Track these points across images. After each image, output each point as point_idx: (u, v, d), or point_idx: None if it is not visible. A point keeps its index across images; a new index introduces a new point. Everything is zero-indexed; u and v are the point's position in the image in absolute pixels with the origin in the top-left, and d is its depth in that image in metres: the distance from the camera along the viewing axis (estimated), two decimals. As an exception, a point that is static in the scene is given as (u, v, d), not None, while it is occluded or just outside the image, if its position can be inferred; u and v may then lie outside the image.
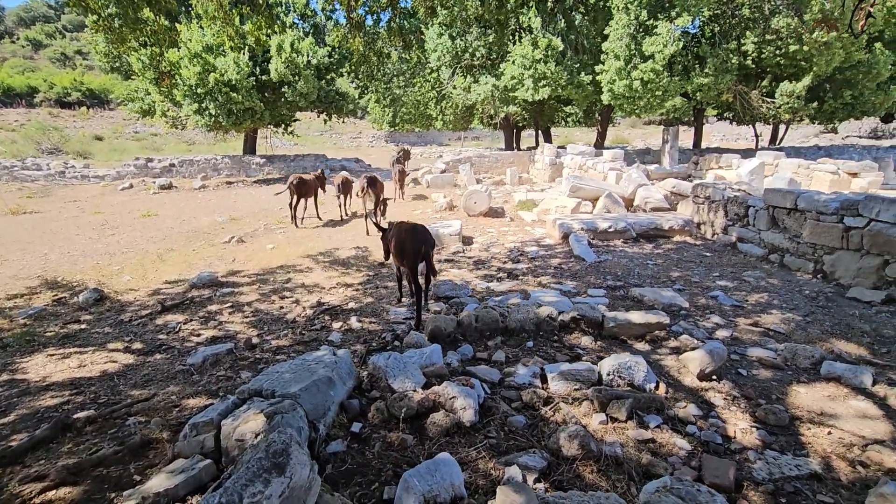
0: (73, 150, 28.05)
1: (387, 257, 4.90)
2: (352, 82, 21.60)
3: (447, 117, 25.24)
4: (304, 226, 9.93)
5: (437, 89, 23.02)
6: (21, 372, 3.84)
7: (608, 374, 3.10)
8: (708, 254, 6.72)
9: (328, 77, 18.97)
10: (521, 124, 26.40)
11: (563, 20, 15.72)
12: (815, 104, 15.16)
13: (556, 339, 4.00)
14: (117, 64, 20.54)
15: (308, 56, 16.92)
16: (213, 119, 16.31)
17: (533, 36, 14.74)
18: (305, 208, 10.41)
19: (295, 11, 19.46)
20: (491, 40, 16.52)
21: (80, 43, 59.64)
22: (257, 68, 16.73)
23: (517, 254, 7.12)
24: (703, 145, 24.43)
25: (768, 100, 14.91)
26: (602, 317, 4.05)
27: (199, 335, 4.47)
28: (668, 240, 7.53)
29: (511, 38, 16.74)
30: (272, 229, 9.65)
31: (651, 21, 14.17)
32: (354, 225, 9.87)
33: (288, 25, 17.91)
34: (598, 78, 15.14)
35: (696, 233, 7.74)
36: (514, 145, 28.37)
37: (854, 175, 10.52)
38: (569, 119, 27.16)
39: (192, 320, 4.86)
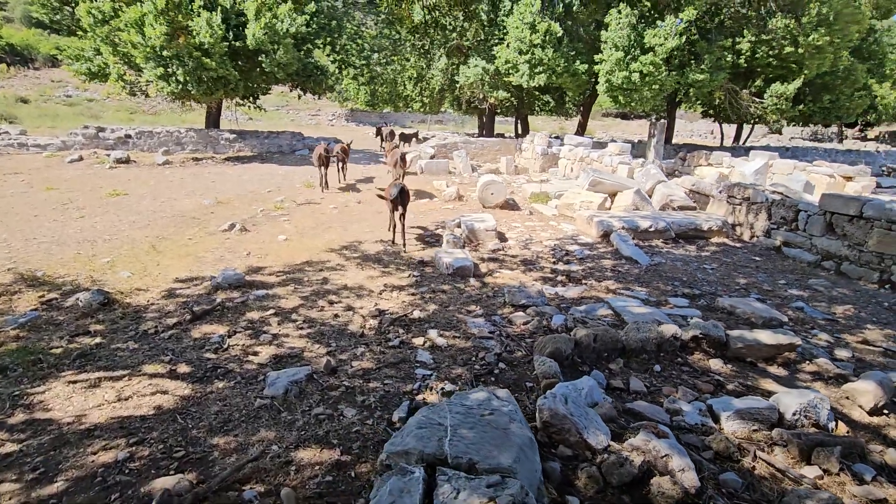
0: (-4, 112, 24.70)
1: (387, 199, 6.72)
2: (328, 55, 20.16)
3: (425, 99, 24.35)
4: (307, 202, 9.03)
5: (416, 69, 22.04)
6: (41, 408, 2.99)
7: (794, 414, 2.75)
8: (756, 258, 6.62)
9: (305, 48, 17.54)
10: (499, 111, 25.93)
11: (561, 5, 15.26)
12: (801, 106, 15.76)
13: (681, 360, 3.63)
14: (56, 16, 18.02)
15: (287, 23, 15.48)
16: (180, 86, 14.61)
17: (532, 19, 14.20)
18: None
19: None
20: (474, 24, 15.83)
21: (-5, -11, 52.57)
22: (230, 33, 15.11)
23: (561, 253, 6.72)
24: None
25: (757, 100, 15.31)
26: (725, 336, 3.72)
27: (255, 353, 3.73)
28: (706, 241, 7.40)
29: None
30: (273, 216, 8.70)
31: (652, 13, 14.02)
32: (354, 210, 9.08)
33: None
34: (596, 68, 14.88)
35: (731, 234, 7.66)
36: (487, 132, 27.95)
37: (849, 179, 10.93)
38: (544, 108, 26.98)
39: (235, 332, 4.08)
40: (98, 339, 3.91)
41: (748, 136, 24.96)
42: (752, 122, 19.42)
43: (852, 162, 17.42)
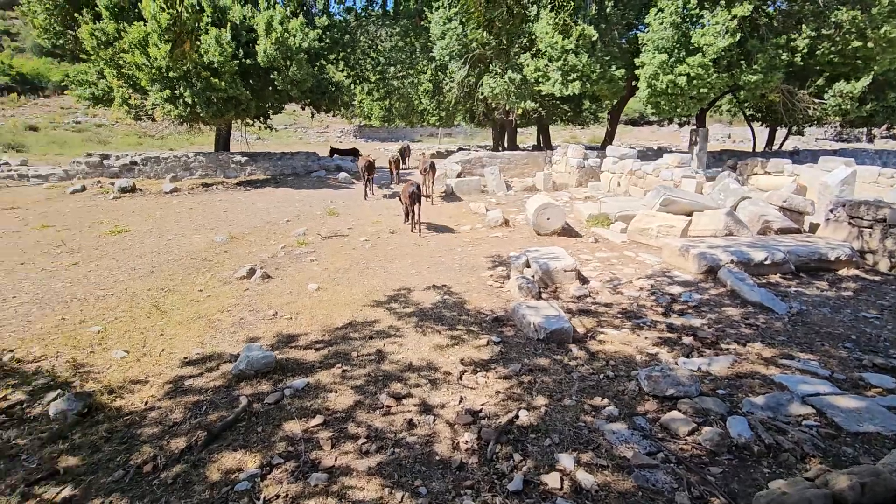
0: (2, 141, 23.98)
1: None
2: (342, 71, 19.11)
3: (441, 112, 23.26)
4: (333, 234, 7.74)
5: (433, 81, 20.95)
6: None
7: None
8: (921, 299, 5.20)
9: (319, 64, 16.50)
10: (519, 122, 24.73)
11: (594, 6, 14.06)
12: (867, 106, 14.34)
13: None
14: (59, 41, 17.15)
15: (299, 38, 14.44)
16: (188, 109, 13.54)
17: (564, 22, 12.99)
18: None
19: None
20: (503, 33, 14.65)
21: (7, 22, 52.86)
22: (240, 50, 14.07)
23: (665, 298, 5.34)
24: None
25: (817, 100, 13.93)
26: None
27: (307, 515, 2.39)
28: (834, 275, 5.98)
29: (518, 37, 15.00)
30: (297, 254, 7.42)
31: (698, 10, 12.76)
32: (389, 242, 7.78)
33: (272, 3, 15.31)
34: (637, 72, 13.59)
35: (862, 264, 6.23)
36: (509, 145, 26.72)
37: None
38: (562, 117, 25.70)
39: (272, 466, 2.74)
40: (67, 491, 2.58)
41: (784, 140, 23.49)
42: (801, 125, 17.99)
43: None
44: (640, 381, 3.50)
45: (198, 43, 12.59)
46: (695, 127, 17.84)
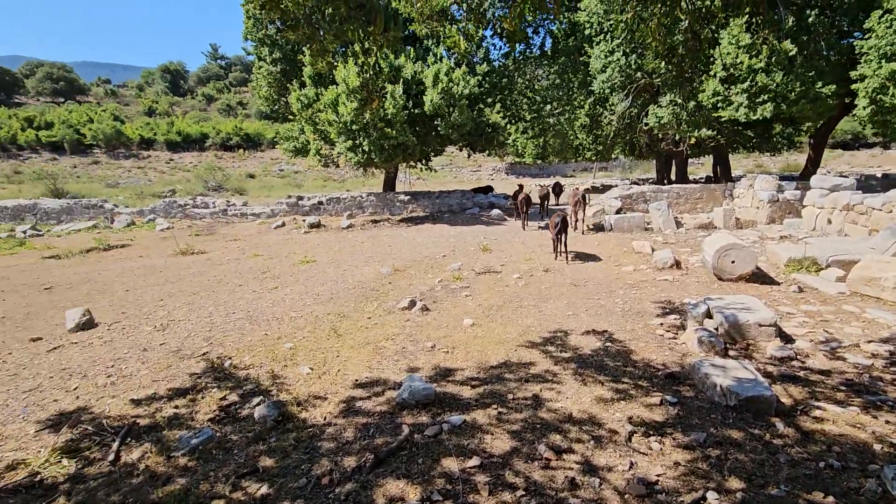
0: (231, 187, 30.57)
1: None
2: (498, 112, 19.97)
3: (598, 146, 22.46)
4: (486, 270, 7.83)
5: (591, 115, 20.42)
6: None
7: None
8: None
9: (478, 108, 17.51)
10: (688, 153, 22.49)
11: (790, 18, 12.24)
12: None
13: None
14: (275, 107, 21.43)
15: (462, 86, 15.57)
16: (365, 156, 15.54)
17: (763, 40, 11.48)
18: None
19: (443, 43, 18.55)
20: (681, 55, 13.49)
21: (241, 96, 68.74)
22: (410, 101, 15.75)
23: (913, 371, 4.08)
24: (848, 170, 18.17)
25: None
26: None
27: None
28: None
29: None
30: (452, 289, 7.70)
31: (945, 4, 10.15)
32: (542, 280, 7.51)
33: (439, 58, 16.90)
34: (854, 87, 11.29)
35: None
36: (669, 177, 24.41)
37: None
38: (746, 145, 22.51)
39: (431, 500, 2.74)
40: (264, 489, 2.93)
41: None
42: None
43: None
44: (886, 479, 2.65)
45: (384, 99, 14.46)
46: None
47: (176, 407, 4.06)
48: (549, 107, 19.54)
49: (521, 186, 15.71)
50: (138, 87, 69.53)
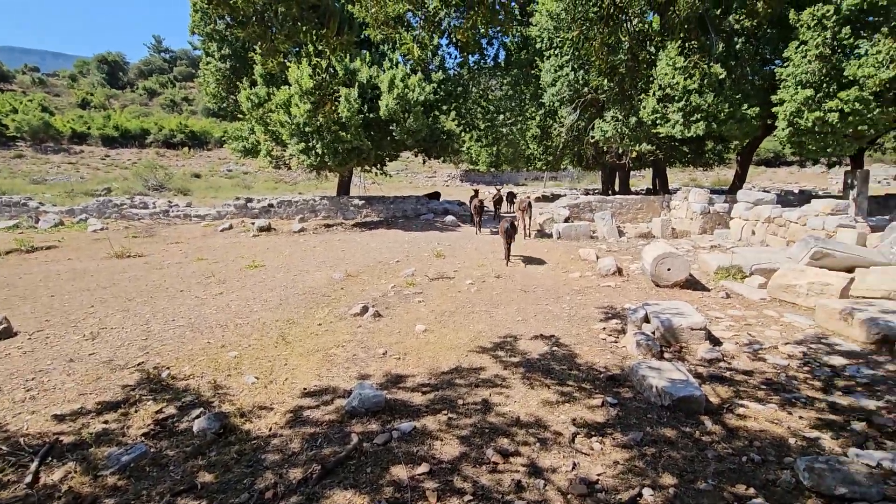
0: (174, 186, 29.03)
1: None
2: (453, 120, 20.21)
3: (549, 157, 23.20)
4: (439, 276, 7.88)
5: (542, 126, 21.09)
6: None
7: None
8: None
9: (433, 114, 17.64)
10: (630, 166, 23.67)
11: (721, 45, 13.23)
12: None
13: None
14: (223, 104, 20.60)
15: (417, 92, 15.64)
16: (318, 159, 15.24)
17: (694, 64, 12.34)
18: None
19: (398, 50, 18.56)
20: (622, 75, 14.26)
21: (186, 91, 65.49)
22: (365, 105, 15.63)
23: (823, 370, 4.51)
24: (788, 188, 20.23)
25: None
26: None
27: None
28: None
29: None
30: (405, 294, 7.69)
31: (852, 40, 11.33)
32: (494, 286, 7.67)
33: (395, 63, 16.90)
34: (775, 109, 12.34)
35: None
36: (614, 188, 25.59)
37: None
38: (681, 160, 24.01)
39: (379, 511, 2.73)
40: (202, 506, 2.81)
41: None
42: None
43: None
44: (799, 471, 2.91)
45: (337, 103, 14.24)
46: (849, 168, 15.53)
47: (105, 422, 3.81)
48: (502, 116, 20.00)
49: (476, 192, 16.02)
50: (71, 77, 64.57)
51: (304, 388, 4.38)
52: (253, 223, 15.89)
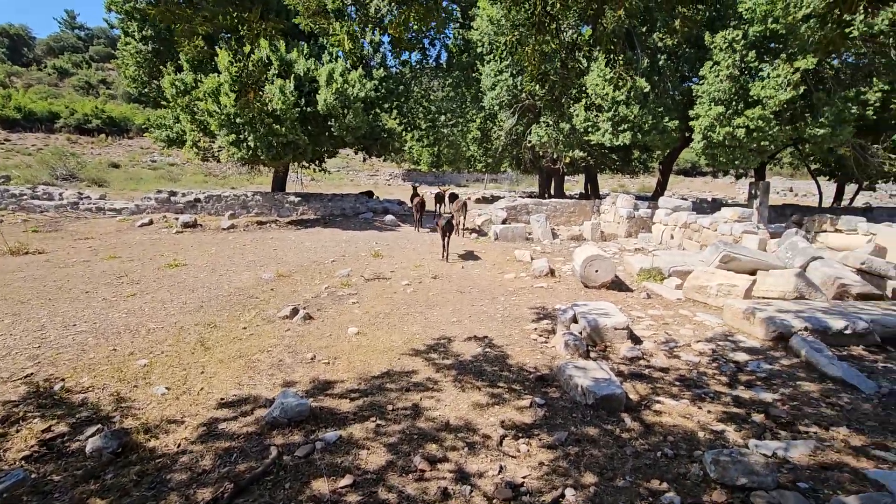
0: (88, 176, 26.46)
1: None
2: (394, 118, 19.99)
3: (489, 159, 23.63)
4: (376, 277, 7.73)
5: (482, 129, 21.45)
6: None
7: None
8: None
9: (373, 112, 17.34)
10: (566, 170, 24.67)
11: (645, 60, 14.09)
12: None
13: None
14: (145, 90, 19.04)
15: (357, 88, 15.28)
16: (250, 152, 14.45)
17: (619, 76, 13.02)
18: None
19: (329, 41, 18.06)
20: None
21: (104, 73, 59.91)
22: (302, 99, 15.04)
23: (729, 367, 4.87)
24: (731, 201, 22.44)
25: (893, 155, 13.07)
26: None
27: None
28: (929, 349, 5.28)
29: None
30: (339, 296, 7.45)
31: (757, 63, 12.48)
32: (430, 287, 7.66)
33: (334, 57, 16.42)
34: (692, 123, 13.32)
35: (964, 340, 5.49)
36: (550, 192, 26.57)
37: None
38: (611, 167, 25.39)
39: (295, 529, 2.57)
40: (91, 537, 2.51)
41: (855, 196, 22.01)
42: (874, 180, 16.86)
43: None
44: (706, 464, 3.10)
45: (261, 93, 13.54)
46: (753, 179, 17.10)
47: (-21, 444, 3.32)
48: (443, 117, 20.08)
49: (415, 189, 15.94)
50: (-40, 50, 57.01)
51: (222, 399, 4.08)
52: (177, 219, 14.78)
